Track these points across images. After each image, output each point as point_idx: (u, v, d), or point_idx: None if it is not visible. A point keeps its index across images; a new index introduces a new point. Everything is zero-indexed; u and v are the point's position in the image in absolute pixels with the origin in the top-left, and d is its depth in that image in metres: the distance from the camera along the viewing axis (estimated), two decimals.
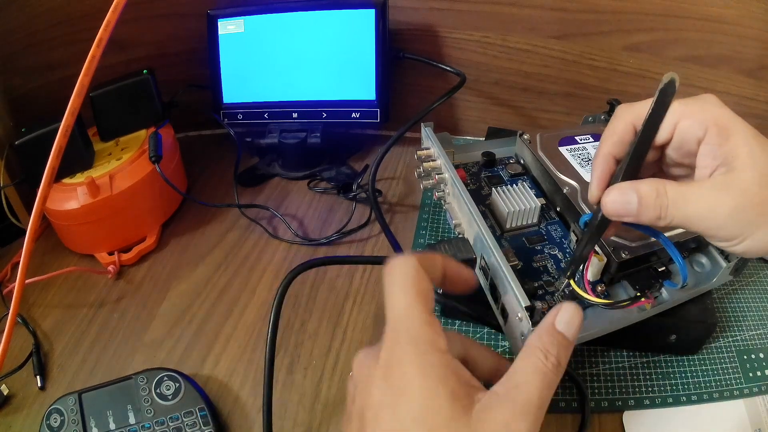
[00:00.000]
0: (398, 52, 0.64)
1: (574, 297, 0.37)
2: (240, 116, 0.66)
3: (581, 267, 0.37)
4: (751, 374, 0.43)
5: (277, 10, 0.62)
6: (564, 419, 0.41)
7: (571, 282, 0.36)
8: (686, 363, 0.44)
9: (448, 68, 0.63)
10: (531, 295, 0.38)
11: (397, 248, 0.49)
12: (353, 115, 0.64)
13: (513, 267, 0.38)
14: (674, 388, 0.42)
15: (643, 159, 0.31)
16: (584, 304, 0.37)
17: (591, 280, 0.39)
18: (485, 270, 0.39)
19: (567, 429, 0.40)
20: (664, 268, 0.39)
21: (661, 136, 0.31)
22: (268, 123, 0.65)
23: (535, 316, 0.35)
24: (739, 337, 0.46)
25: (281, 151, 0.65)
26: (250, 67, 0.64)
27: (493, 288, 0.38)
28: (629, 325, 0.39)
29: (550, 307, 0.37)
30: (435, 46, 0.65)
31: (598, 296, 0.38)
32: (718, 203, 0.29)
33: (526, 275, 0.41)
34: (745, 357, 0.44)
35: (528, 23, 0.60)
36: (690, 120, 0.30)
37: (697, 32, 0.56)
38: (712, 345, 0.45)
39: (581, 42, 0.60)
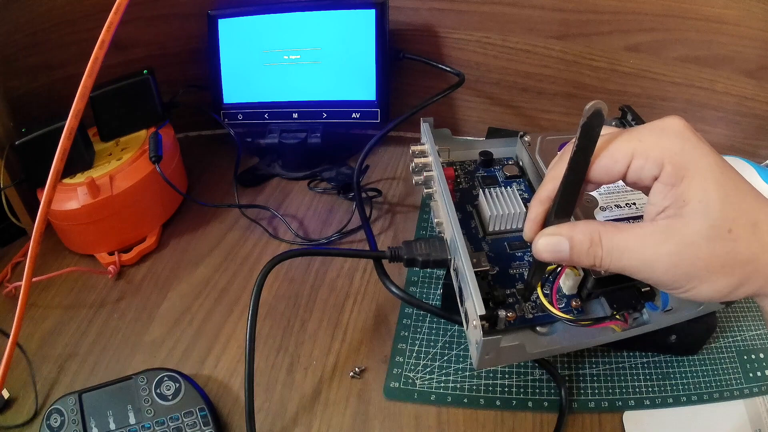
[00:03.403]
0: (398, 53, 0.64)
1: (541, 309, 0.37)
2: (240, 116, 0.66)
3: (533, 294, 0.37)
4: (751, 374, 0.43)
5: (277, 10, 0.62)
6: (551, 419, 0.41)
7: (540, 293, 0.35)
8: (686, 363, 0.44)
9: (447, 68, 0.63)
10: (500, 302, 0.38)
11: (372, 244, 0.49)
12: (353, 115, 0.64)
13: (486, 273, 0.37)
14: (674, 388, 0.42)
15: (575, 196, 0.30)
16: (552, 318, 0.36)
17: (567, 294, 0.38)
18: (456, 272, 0.38)
19: (551, 428, 0.41)
20: (648, 288, 0.37)
21: (611, 176, 0.29)
22: (268, 123, 0.65)
23: (498, 324, 0.35)
24: (739, 337, 0.46)
25: (281, 152, 0.65)
26: (250, 67, 0.64)
27: (460, 291, 0.37)
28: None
29: (517, 317, 0.37)
30: (435, 46, 0.65)
31: (563, 311, 0.37)
32: (656, 256, 0.27)
33: (500, 281, 0.40)
34: (745, 357, 0.44)
35: (528, 23, 0.60)
36: (642, 159, 0.28)
37: (697, 32, 0.56)
38: (712, 345, 0.45)
39: (581, 42, 0.60)
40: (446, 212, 0.41)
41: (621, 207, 0.42)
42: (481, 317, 0.32)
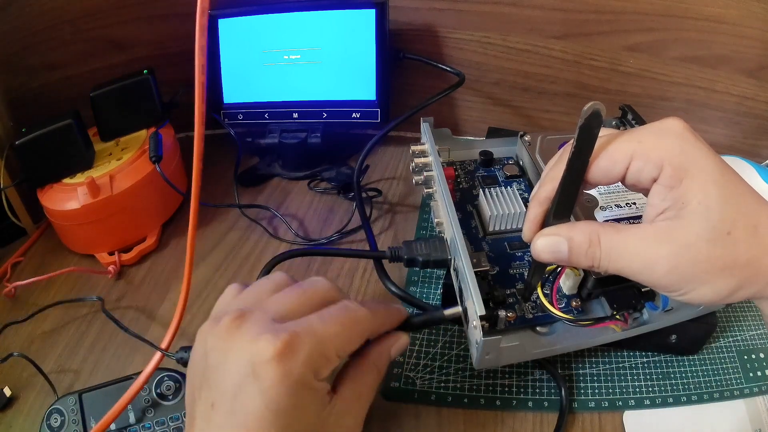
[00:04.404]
0: (398, 52, 0.64)
1: (541, 309, 0.37)
2: (240, 116, 0.66)
3: (533, 294, 0.37)
4: (751, 374, 0.43)
5: (277, 10, 0.62)
6: (551, 419, 0.41)
7: (540, 293, 0.36)
8: (686, 363, 0.44)
9: (447, 68, 0.63)
10: (500, 302, 0.38)
11: (372, 244, 0.49)
12: (353, 115, 0.64)
13: (486, 273, 0.37)
14: (674, 388, 0.42)
15: (574, 197, 0.30)
16: (552, 318, 0.36)
17: (567, 294, 0.38)
18: (456, 272, 0.38)
19: (551, 428, 0.41)
20: (648, 288, 0.37)
21: (610, 178, 0.29)
22: (268, 123, 0.65)
23: (498, 324, 0.35)
24: (739, 337, 0.46)
25: (281, 151, 0.65)
26: (250, 67, 0.64)
27: (460, 291, 0.37)
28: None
29: (517, 317, 0.37)
30: (435, 46, 0.65)
31: (563, 311, 0.37)
32: (655, 258, 0.27)
33: (500, 281, 0.40)
34: (746, 357, 0.44)
35: (528, 23, 0.60)
36: (642, 160, 0.27)
37: (697, 32, 0.56)
38: (712, 345, 0.45)
39: (581, 42, 0.60)
40: (446, 212, 0.41)
41: (621, 207, 0.42)
42: (481, 317, 0.32)
